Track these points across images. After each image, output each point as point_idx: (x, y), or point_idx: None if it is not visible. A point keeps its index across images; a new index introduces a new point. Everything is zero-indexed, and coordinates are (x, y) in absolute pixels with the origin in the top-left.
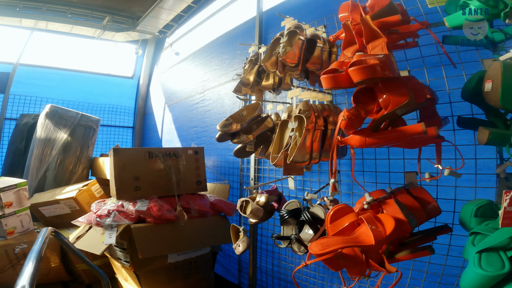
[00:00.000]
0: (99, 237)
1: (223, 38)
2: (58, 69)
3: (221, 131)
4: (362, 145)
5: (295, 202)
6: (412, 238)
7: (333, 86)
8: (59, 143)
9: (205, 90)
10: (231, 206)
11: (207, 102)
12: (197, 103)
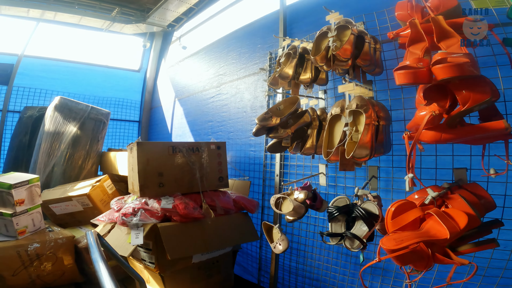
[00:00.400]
0: (124, 237)
1: (241, 32)
2: (63, 61)
3: (260, 124)
4: (438, 140)
5: (343, 198)
6: (469, 232)
7: (411, 82)
8: (68, 136)
9: (221, 84)
10: (253, 203)
11: (224, 96)
12: (212, 97)
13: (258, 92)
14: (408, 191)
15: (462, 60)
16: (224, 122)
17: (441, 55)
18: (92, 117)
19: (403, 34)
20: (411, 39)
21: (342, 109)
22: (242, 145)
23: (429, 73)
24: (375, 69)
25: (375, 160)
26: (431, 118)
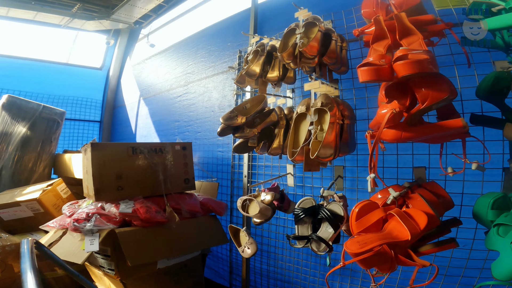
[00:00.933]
0: (77, 244)
1: (211, 30)
2: (15, 58)
3: (224, 124)
4: (398, 139)
5: (309, 199)
6: (429, 232)
7: (373, 79)
8: (17, 137)
9: (188, 83)
10: (222, 205)
11: (191, 95)
12: (180, 96)
13: (226, 91)
14: (370, 191)
15: (422, 56)
16: (192, 122)
17: (402, 51)
18: (45, 117)
19: (368, 31)
20: (375, 36)
21: (308, 108)
22: (210, 145)
23: (391, 70)
24: (341, 67)
25: (340, 160)
26: (391, 116)
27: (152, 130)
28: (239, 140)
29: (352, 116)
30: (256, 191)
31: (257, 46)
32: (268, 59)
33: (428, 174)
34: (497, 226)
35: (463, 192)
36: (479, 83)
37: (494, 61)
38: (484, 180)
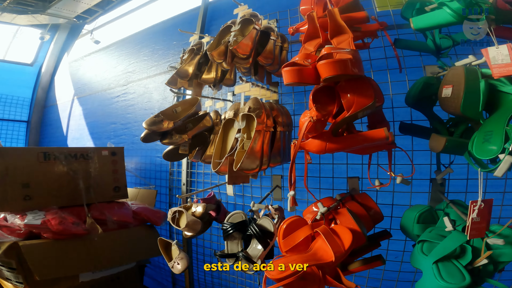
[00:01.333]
0: None
1: (158, 27)
2: None
3: (148, 129)
4: (322, 150)
5: (239, 213)
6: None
7: (296, 81)
8: None
9: (129, 83)
10: (159, 214)
11: (131, 96)
12: (118, 96)
13: (167, 92)
14: (289, 211)
15: (344, 56)
16: (129, 124)
17: (327, 50)
18: None
19: (302, 29)
20: (307, 34)
21: (237, 113)
22: (148, 150)
23: (316, 72)
24: (279, 69)
25: (279, 169)
26: (310, 125)
27: (86, 132)
28: (169, 146)
29: (288, 123)
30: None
31: (194, 45)
32: (206, 59)
33: (361, 184)
34: (421, 242)
35: (393, 203)
36: (409, 90)
37: (425, 66)
38: (413, 191)
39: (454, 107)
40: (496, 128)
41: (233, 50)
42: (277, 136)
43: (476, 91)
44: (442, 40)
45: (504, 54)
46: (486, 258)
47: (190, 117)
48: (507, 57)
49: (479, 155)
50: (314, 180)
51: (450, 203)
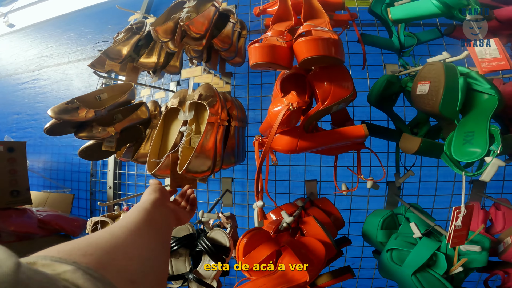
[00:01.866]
0: None
1: (91, 10)
2: None
3: (56, 118)
4: (293, 149)
5: (184, 225)
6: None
7: (267, 61)
8: None
9: (42, 68)
10: (76, 222)
11: (43, 83)
12: (25, 83)
13: (93, 80)
14: (257, 225)
15: (331, 35)
16: (38, 115)
17: (308, 27)
18: None
19: (270, 10)
20: (277, 15)
21: (182, 102)
22: (63, 147)
23: (291, 53)
24: (235, 57)
25: (229, 171)
26: (288, 114)
27: None
28: (89, 141)
29: (243, 118)
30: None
31: (134, 23)
32: (147, 41)
33: (320, 189)
34: (390, 251)
35: (351, 208)
36: (371, 88)
37: (386, 64)
38: (370, 194)
39: (431, 105)
40: (478, 129)
41: (184, 26)
42: (231, 132)
43: (455, 89)
44: (406, 38)
45: (492, 48)
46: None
47: (120, 106)
48: (495, 51)
49: (460, 158)
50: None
51: (410, 208)
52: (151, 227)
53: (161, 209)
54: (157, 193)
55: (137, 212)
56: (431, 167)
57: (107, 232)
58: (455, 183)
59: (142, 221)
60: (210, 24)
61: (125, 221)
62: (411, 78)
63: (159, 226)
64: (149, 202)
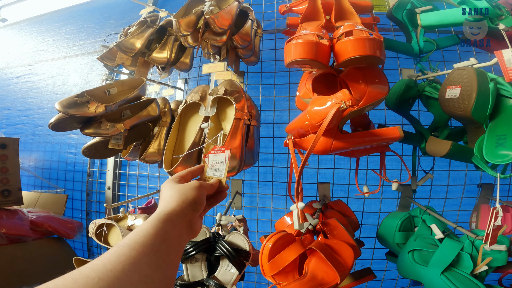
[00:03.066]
0: None
1: (94, 4)
2: None
3: (64, 112)
4: (327, 150)
5: (202, 228)
6: None
7: (309, 58)
8: None
9: (37, 62)
10: (71, 224)
11: (37, 77)
12: (19, 77)
13: (93, 76)
14: (299, 228)
15: (377, 36)
16: (31, 111)
17: (350, 27)
18: None
19: (297, 9)
20: (305, 14)
21: (204, 97)
22: (57, 144)
23: (330, 51)
24: (251, 56)
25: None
26: (339, 114)
27: None
28: (94, 138)
29: (259, 118)
30: (120, 213)
31: (147, 16)
32: (159, 35)
33: (332, 191)
34: (411, 252)
35: (364, 210)
36: (390, 92)
37: (402, 68)
38: (383, 197)
39: (463, 109)
40: (510, 132)
41: (209, 20)
42: (251, 131)
43: (487, 93)
44: (425, 43)
45: None
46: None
47: (129, 102)
48: None
49: (493, 160)
50: (279, 185)
51: (427, 210)
52: (162, 258)
53: (184, 231)
54: (196, 207)
55: (151, 238)
56: (442, 170)
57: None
58: (465, 186)
59: (152, 254)
60: (233, 20)
61: (134, 248)
62: (429, 83)
63: (172, 249)
64: (176, 219)
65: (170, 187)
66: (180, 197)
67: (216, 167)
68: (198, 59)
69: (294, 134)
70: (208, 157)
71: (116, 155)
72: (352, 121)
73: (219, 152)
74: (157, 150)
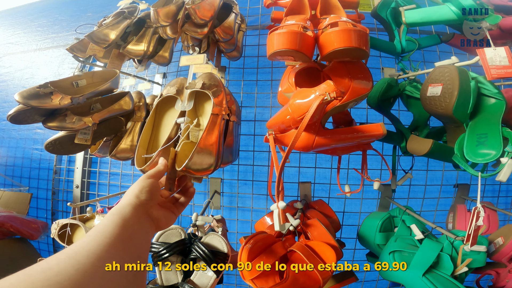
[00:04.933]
0: None
1: None
2: None
3: (24, 103)
4: (308, 146)
5: (175, 229)
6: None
7: (293, 48)
8: None
9: (5, 55)
10: (35, 224)
11: (3, 70)
12: None
13: (64, 69)
14: (279, 229)
15: (362, 27)
16: None
17: (335, 18)
18: None
19: (282, 2)
20: (291, 8)
21: (180, 91)
22: (21, 140)
23: (314, 43)
24: (233, 50)
25: (218, 171)
26: (321, 105)
27: None
28: (59, 133)
29: (239, 114)
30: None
31: (125, 7)
32: (137, 27)
33: (313, 191)
34: (392, 253)
35: (344, 210)
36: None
37: (384, 67)
38: (363, 198)
39: (444, 107)
40: (491, 131)
41: (190, 10)
42: (230, 127)
43: (468, 92)
44: (407, 43)
45: (502, 56)
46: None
47: (100, 94)
48: (505, 59)
49: (473, 159)
50: (259, 185)
51: (407, 210)
52: (126, 251)
53: (142, 220)
54: (144, 195)
55: (112, 226)
56: (420, 170)
57: (71, 259)
58: (442, 186)
59: (115, 243)
60: (215, 12)
61: (95, 242)
62: (409, 82)
63: (136, 244)
64: (130, 209)
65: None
66: (133, 188)
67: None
68: (178, 54)
69: (275, 130)
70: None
71: (85, 151)
72: (334, 118)
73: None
74: (130, 146)
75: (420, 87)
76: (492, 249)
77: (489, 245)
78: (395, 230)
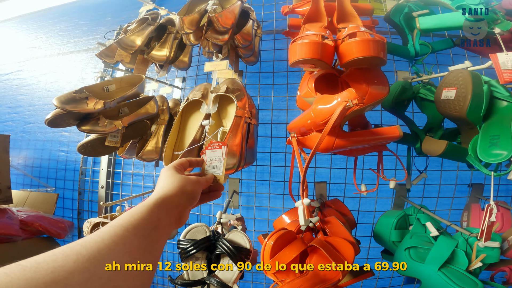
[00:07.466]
0: None
1: (89, 2)
2: None
3: (62, 108)
4: (329, 148)
5: (201, 226)
6: None
7: (315, 57)
8: None
9: (28, 59)
10: (61, 224)
11: (28, 74)
12: (9, 74)
13: (87, 73)
14: (304, 224)
15: (379, 37)
16: (21, 108)
17: (354, 29)
18: None
19: (299, 10)
20: (308, 16)
21: (205, 95)
22: (48, 142)
23: (334, 51)
24: (251, 56)
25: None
26: (344, 110)
27: None
28: (90, 136)
29: (257, 117)
30: (116, 212)
31: (148, 14)
32: (159, 33)
33: (329, 190)
34: (408, 249)
35: (359, 209)
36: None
37: (397, 71)
38: (378, 197)
39: (458, 110)
40: (503, 132)
41: (213, 18)
42: (251, 130)
43: (481, 95)
44: (421, 47)
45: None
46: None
47: (128, 99)
48: None
49: (486, 159)
50: (275, 185)
51: (422, 209)
52: (152, 244)
53: (171, 214)
54: (190, 201)
55: (144, 219)
56: (434, 171)
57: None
58: (456, 186)
59: (144, 233)
60: (236, 19)
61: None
62: (423, 85)
63: (161, 237)
64: (164, 202)
65: (171, 175)
66: (178, 187)
67: (214, 164)
68: (196, 58)
69: (296, 133)
70: (205, 153)
71: (110, 154)
72: (350, 121)
73: (216, 148)
74: (155, 148)
75: (433, 90)
76: (505, 247)
77: (503, 242)
78: (409, 228)
